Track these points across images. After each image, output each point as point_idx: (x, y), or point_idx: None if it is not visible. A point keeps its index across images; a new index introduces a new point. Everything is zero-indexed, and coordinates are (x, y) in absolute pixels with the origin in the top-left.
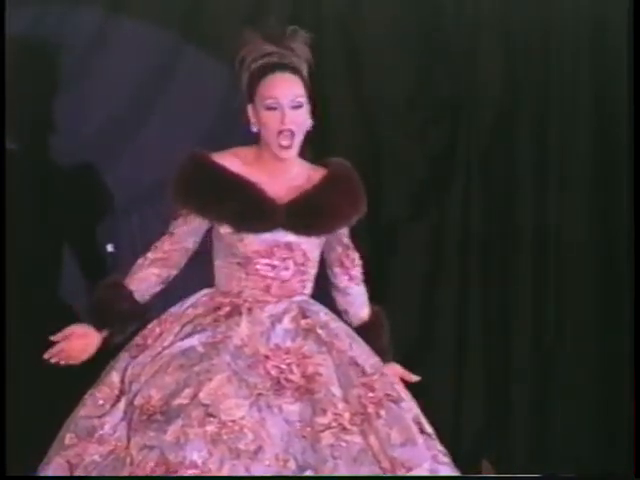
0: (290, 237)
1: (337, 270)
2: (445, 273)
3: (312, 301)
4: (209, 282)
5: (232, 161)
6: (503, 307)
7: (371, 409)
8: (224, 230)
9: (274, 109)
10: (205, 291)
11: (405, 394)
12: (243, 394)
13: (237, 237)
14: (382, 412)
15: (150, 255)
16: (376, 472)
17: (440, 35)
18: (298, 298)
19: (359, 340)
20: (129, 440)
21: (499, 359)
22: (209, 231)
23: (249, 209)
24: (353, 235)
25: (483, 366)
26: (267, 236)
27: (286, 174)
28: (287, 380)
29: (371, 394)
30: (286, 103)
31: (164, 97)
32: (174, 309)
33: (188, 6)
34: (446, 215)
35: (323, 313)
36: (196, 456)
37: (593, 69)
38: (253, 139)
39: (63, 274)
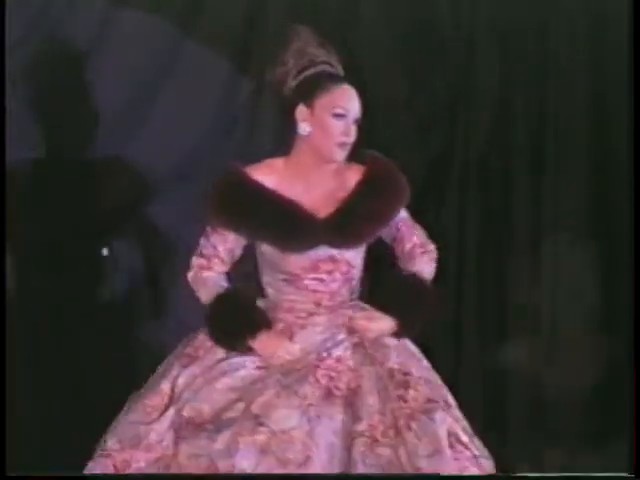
0: (333, 251)
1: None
2: (442, 274)
3: (363, 305)
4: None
5: (267, 175)
6: (501, 307)
7: (403, 421)
8: (265, 248)
9: (342, 117)
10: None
11: (448, 401)
12: (293, 404)
13: (280, 255)
14: (413, 425)
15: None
16: None
17: (437, 36)
18: (349, 307)
19: (409, 347)
20: (176, 448)
21: (497, 359)
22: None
23: (289, 230)
24: None
25: (482, 366)
26: (310, 252)
27: (322, 180)
28: (337, 388)
29: (405, 406)
30: (352, 116)
31: (163, 96)
32: None
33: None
34: (443, 216)
35: None
36: (245, 465)
37: (592, 70)
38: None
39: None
